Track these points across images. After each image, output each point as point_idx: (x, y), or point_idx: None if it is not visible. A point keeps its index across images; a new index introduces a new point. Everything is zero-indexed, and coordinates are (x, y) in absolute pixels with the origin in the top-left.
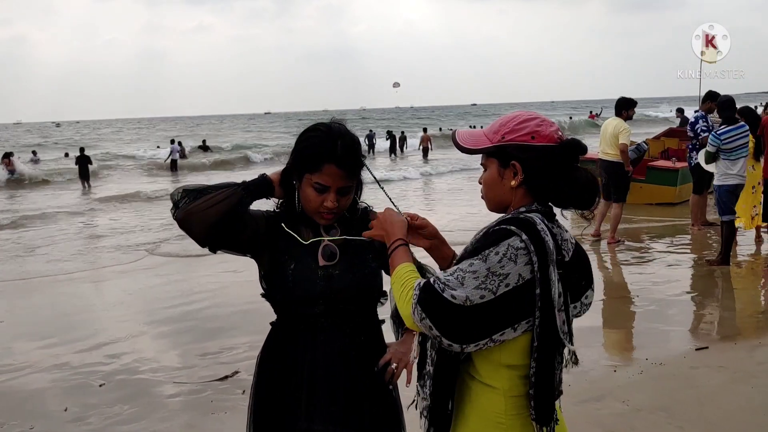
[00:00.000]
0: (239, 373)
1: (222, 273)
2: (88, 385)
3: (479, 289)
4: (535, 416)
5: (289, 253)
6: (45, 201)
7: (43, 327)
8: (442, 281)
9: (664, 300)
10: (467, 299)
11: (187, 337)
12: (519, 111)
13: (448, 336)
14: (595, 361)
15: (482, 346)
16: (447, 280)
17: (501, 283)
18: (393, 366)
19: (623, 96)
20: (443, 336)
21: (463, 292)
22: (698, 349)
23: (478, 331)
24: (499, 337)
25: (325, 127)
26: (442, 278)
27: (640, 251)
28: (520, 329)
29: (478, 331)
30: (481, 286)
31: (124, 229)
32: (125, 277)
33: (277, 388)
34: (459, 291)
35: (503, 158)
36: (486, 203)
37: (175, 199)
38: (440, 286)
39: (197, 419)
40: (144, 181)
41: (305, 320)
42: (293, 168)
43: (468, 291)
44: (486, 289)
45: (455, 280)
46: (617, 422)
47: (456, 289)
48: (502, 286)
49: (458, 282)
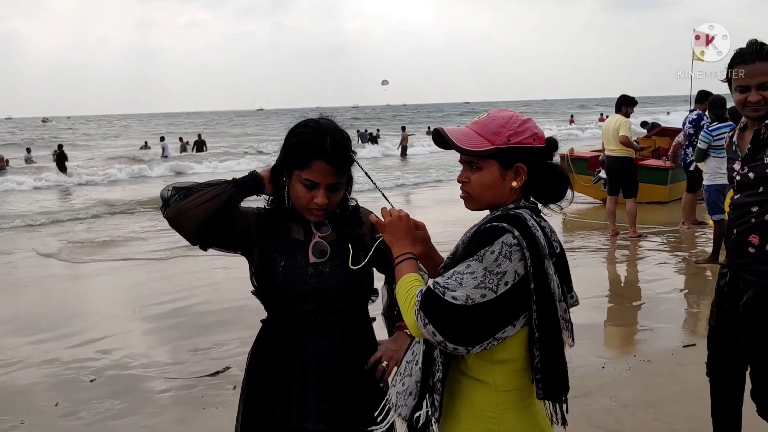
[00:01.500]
0: (230, 369)
1: (213, 269)
2: (79, 381)
3: (479, 288)
4: (544, 395)
5: (280, 250)
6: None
7: (33, 322)
8: (441, 285)
9: (653, 297)
10: (468, 298)
11: (177, 332)
12: (506, 110)
13: (452, 339)
14: (584, 358)
15: (486, 346)
16: (446, 284)
17: (500, 281)
18: (384, 364)
19: (624, 94)
20: (447, 340)
21: (463, 291)
22: (686, 346)
23: (481, 332)
24: (501, 335)
25: (314, 123)
26: (441, 282)
27: (630, 249)
28: (518, 325)
29: (482, 331)
30: (481, 285)
31: (115, 225)
32: (116, 273)
33: (267, 386)
34: (459, 291)
35: (507, 160)
36: (473, 203)
37: (165, 196)
38: (440, 289)
39: (188, 414)
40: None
41: (296, 318)
42: (283, 164)
43: (468, 290)
44: (486, 288)
45: (454, 282)
46: (605, 418)
47: (456, 290)
48: (501, 284)
49: (457, 283)
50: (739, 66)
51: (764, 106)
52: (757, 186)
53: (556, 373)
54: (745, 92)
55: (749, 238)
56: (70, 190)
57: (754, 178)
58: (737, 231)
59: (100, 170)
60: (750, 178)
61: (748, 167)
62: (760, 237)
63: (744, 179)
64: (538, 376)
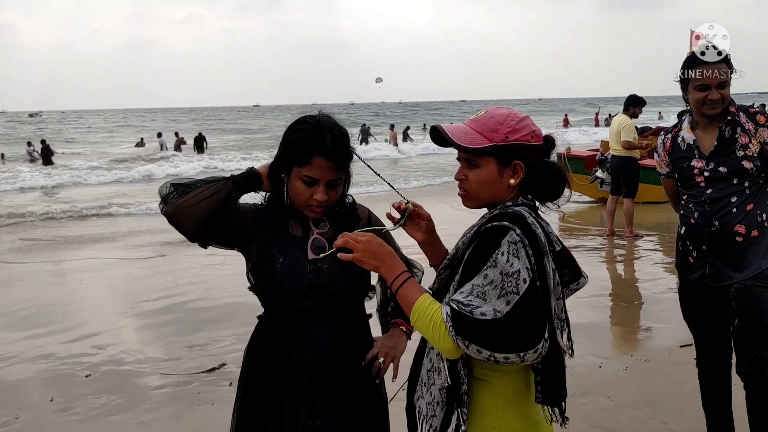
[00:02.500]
0: (226, 365)
1: (209, 265)
2: (74, 376)
3: (503, 297)
4: (543, 399)
5: (278, 246)
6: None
7: (28, 317)
8: (465, 305)
9: (650, 297)
10: (495, 312)
11: (173, 329)
12: (504, 108)
13: (497, 350)
14: (581, 357)
15: (541, 349)
16: (470, 302)
17: (518, 281)
18: (380, 360)
19: (633, 94)
20: (494, 352)
21: (490, 306)
22: (683, 346)
23: (524, 335)
24: (546, 333)
25: (313, 119)
26: (464, 301)
27: (627, 249)
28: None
29: (525, 334)
30: (503, 293)
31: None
32: (111, 268)
33: (263, 381)
34: (485, 307)
35: (504, 157)
36: (471, 201)
37: (163, 193)
38: (466, 310)
39: (184, 411)
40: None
41: (293, 314)
42: (282, 161)
43: (493, 303)
44: (509, 294)
45: (476, 298)
46: (602, 417)
47: (482, 306)
48: (521, 283)
49: (480, 299)
50: (698, 67)
51: (721, 104)
52: (730, 179)
53: (555, 375)
54: (705, 91)
55: (735, 228)
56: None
57: (728, 172)
58: (719, 222)
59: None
60: (722, 172)
61: (716, 162)
62: (746, 225)
63: (714, 174)
64: (538, 377)
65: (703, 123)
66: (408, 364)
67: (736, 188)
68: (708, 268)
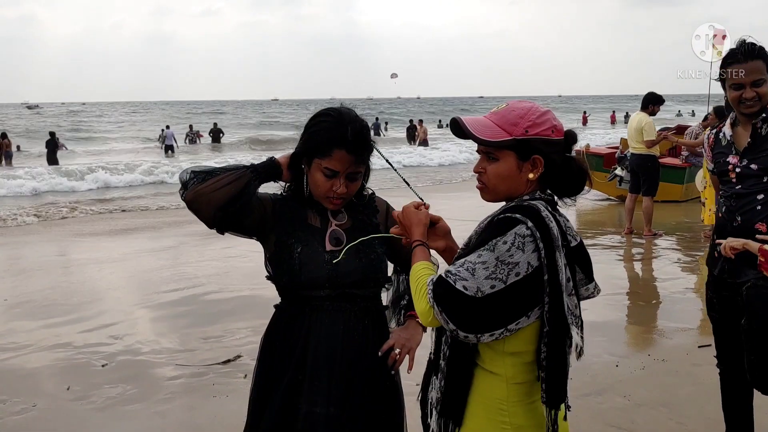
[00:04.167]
0: (241, 357)
1: (226, 258)
2: (91, 365)
3: (489, 279)
4: (546, 399)
5: (296, 236)
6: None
7: (46, 307)
8: (453, 273)
9: (668, 297)
10: (478, 290)
11: (189, 320)
12: (525, 102)
13: (463, 327)
14: (598, 356)
15: (498, 335)
16: (458, 272)
17: (511, 272)
18: (396, 351)
19: (652, 91)
20: (459, 328)
21: (474, 282)
22: (701, 346)
23: (492, 321)
24: (514, 326)
25: (335, 112)
26: (453, 270)
27: (645, 248)
28: (533, 316)
29: (492, 320)
30: (491, 276)
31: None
32: (128, 259)
33: (279, 371)
34: (470, 282)
35: (524, 151)
36: (489, 194)
37: (184, 179)
38: (452, 278)
39: (198, 402)
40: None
41: (310, 303)
42: (303, 152)
43: (479, 281)
44: (496, 279)
45: (465, 271)
46: (618, 416)
47: (467, 280)
48: (512, 275)
49: (468, 273)
50: (733, 65)
51: (758, 102)
52: (761, 176)
53: (557, 374)
54: (740, 89)
55: (756, 225)
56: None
57: (758, 169)
58: (742, 218)
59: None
60: (753, 169)
61: (749, 159)
62: (767, 224)
63: (745, 171)
64: (543, 374)
65: (742, 120)
66: (423, 357)
67: (764, 186)
68: (727, 263)
